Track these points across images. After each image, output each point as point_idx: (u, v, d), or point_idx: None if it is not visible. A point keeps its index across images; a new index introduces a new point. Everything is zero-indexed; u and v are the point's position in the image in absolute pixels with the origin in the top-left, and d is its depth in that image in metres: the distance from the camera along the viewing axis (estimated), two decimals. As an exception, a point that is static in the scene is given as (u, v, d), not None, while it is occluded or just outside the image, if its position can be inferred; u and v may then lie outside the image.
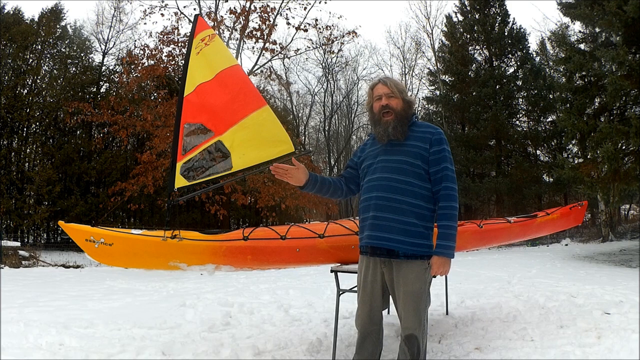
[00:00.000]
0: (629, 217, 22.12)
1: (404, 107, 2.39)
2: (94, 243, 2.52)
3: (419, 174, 2.28)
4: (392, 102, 2.39)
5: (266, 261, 2.89)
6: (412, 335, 2.31)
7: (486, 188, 18.07)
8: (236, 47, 15.39)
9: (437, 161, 2.28)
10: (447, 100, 20.57)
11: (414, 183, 2.27)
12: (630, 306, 4.22)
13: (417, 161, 2.29)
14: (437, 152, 2.28)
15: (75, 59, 19.76)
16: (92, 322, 4.01)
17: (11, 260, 10.54)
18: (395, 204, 2.26)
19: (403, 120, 2.37)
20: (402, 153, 2.32)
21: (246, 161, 3.08)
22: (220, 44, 3.19)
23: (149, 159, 13.22)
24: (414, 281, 2.27)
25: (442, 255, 2.24)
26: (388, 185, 2.29)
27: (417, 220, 2.27)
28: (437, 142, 2.29)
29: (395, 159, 2.32)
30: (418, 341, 2.30)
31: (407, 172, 2.29)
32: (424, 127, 2.38)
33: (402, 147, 2.33)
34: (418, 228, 2.27)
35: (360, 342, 2.48)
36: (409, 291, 2.28)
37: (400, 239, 2.26)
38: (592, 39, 13.50)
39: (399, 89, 2.40)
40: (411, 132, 2.36)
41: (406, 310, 2.31)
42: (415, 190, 2.27)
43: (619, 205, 18.54)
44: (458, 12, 21.22)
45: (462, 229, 3.69)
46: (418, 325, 2.31)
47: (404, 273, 2.29)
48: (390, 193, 2.28)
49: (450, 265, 2.27)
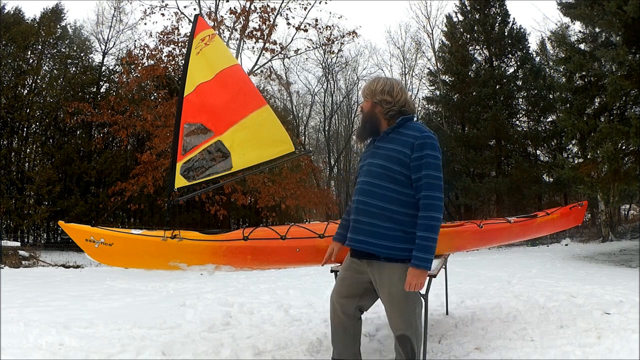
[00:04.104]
0: (629, 217, 22.11)
1: (371, 108, 2.36)
2: (94, 243, 2.52)
3: (395, 178, 2.22)
4: (363, 104, 2.42)
5: (266, 261, 2.89)
6: (403, 335, 2.31)
7: (486, 188, 18.06)
8: (236, 47, 15.40)
9: (418, 167, 2.19)
10: (447, 100, 20.56)
11: (389, 188, 2.23)
12: (630, 306, 4.22)
13: (394, 165, 2.22)
14: (418, 158, 2.19)
15: (75, 59, 19.76)
16: (92, 322, 4.01)
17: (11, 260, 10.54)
18: (372, 208, 2.26)
19: (368, 122, 2.37)
20: (380, 157, 2.28)
21: (246, 161, 3.08)
22: (220, 44, 3.19)
23: (149, 159, 13.22)
24: (397, 283, 2.25)
25: (416, 267, 2.16)
26: (366, 190, 2.29)
27: (394, 224, 2.23)
28: (419, 147, 2.20)
29: (375, 162, 2.29)
30: (411, 341, 2.30)
31: (382, 177, 2.25)
32: (412, 130, 2.27)
33: (382, 151, 2.29)
34: (396, 232, 2.23)
35: (334, 338, 2.51)
36: (392, 293, 2.28)
37: (378, 242, 2.24)
38: (592, 39, 13.50)
39: (370, 91, 2.38)
40: (397, 134, 2.29)
41: (392, 311, 2.33)
42: (390, 195, 2.23)
43: (619, 205, 18.55)
44: (458, 12, 21.22)
45: (462, 229, 3.69)
46: (408, 325, 2.30)
47: (387, 275, 2.28)
48: (367, 198, 2.28)
49: (426, 277, 2.20)
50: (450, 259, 4.18)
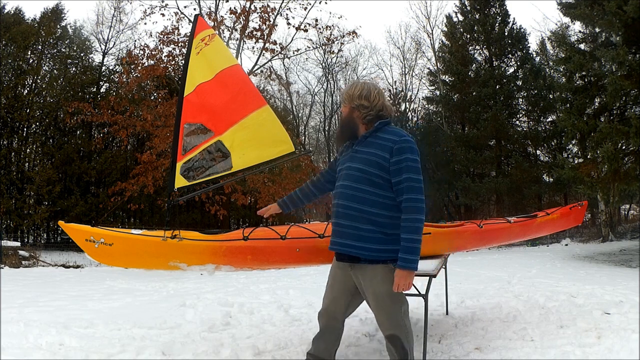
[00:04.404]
0: (629, 217, 22.10)
1: (349, 113, 2.40)
2: (94, 243, 2.52)
3: (374, 182, 2.25)
4: (342, 109, 2.48)
5: (266, 261, 2.89)
6: (393, 335, 2.35)
7: (486, 188, 18.06)
8: (236, 47, 15.40)
9: (398, 171, 2.22)
10: (447, 100, 20.56)
11: (369, 191, 2.26)
12: (630, 306, 4.23)
13: (373, 169, 2.25)
14: (398, 162, 2.22)
15: (75, 59, 19.76)
16: (92, 322, 4.01)
17: (11, 260, 10.54)
18: (352, 211, 2.28)
19: (346, 126, 2.41)
20: (359, 160, 2.31)
21: (246, 161, 3.08)
22: (220, 44, 3.19)
23: (149, 159, 13.22)
24: (380, 284, 2.28)
25: (402, 269, 2.20)
26: (345, 193, 2.32)
27: (374, 226, 2.25)
28: (398, 152, 2.22)
29: (354, 166, 2.32)
30: (401, 340, 2.33)
31: (360, 180, 2.28)
32: (390, 134, 2.30)
33: (361, 155, 2.32)
34: (376, 234, 2.26)
35: (318, 336, 2.54)
36: (377, 293, 2.31)
37: (359, 245, 2.27)
38: (592, 39, 13.50)
39: (348, 96, 2.41)
40: (375, 138, 2.32)
41: (379, 312, 2.36)
42: (370, 198, 2.26)
43: (619, 205, 18.55)
44: (458, 12, 21.22)
45: (462, 229, 3.69)
46: (396, 325, 2.34)
47: (369, 277, 2.31)
48: (346, 201, 2.31)
49: (413, 278, 2.24)
50: (450, 259, 4.18)
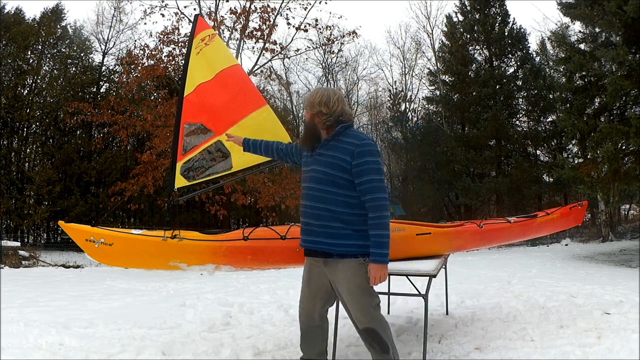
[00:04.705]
0: (629, 217, 22.10)
1: (310, 119, 2.50)
2: (94, 243, 2.53)
3: (338, 183, 2.37)
4: (305, 115, 2.58)
5: (266, 261, 2.89)
6: (369, 328, 2.42)
7: (486, 188, 18.07)
8: (236, 47, 15.38)
9: (360, 173, 2.33)
10: (447, 100, 20.56)
11: (333, 192, 2.38)
12: (630, 306, 4.23)
13: (336, 171, 2.37)
14: (359, 165, 2.33)
15: (75, 59, 19.75)
16: (92, 322, 4.01)
17: (11, 260, 10.53)
18: (319, 211, 2.40)
19: (309, 131, 2.51)
20: (321, 163, 2.42)
21: (246, 161, 3.09)
22: (220, 44, 3.19)
23: (149, 159, 13.20)
24: (351, 278, 2.39)
25: (376, 262, 2.33)
26: (312, 195, 2.44)
27: (343, 224, 2.37)
28: (359, 155, 2.33)
29: (317, 169, 2.44)
30: (378, 332, 2.41)
31: (324, 182, 2.39)
32: (351, 137, 2.41)
33: (324, 158, 2.43)
34: (345, 231, 2.37)
35: (303, 337, 2.64)
36: (350, 287, 2.40)
37: (330, 241, 2.38)
38: (592, 39, 13.50)
39: (309, 102, 2.50)
40: (336, 142, 2.42)
41: (352, 306, 2.44)
42: (334, 198, 2.37)
43: (619, 205, 18.55)
44: (458, 12, 21.22)
45: (462, 229, 3.69)
46: (370, 318, 2.41)
47: (341, 271, 2.40)
48: (313, 202, 2.42)
49: (387, 270, 2.37)
50: (450, 259, 4.18)
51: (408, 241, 3.10)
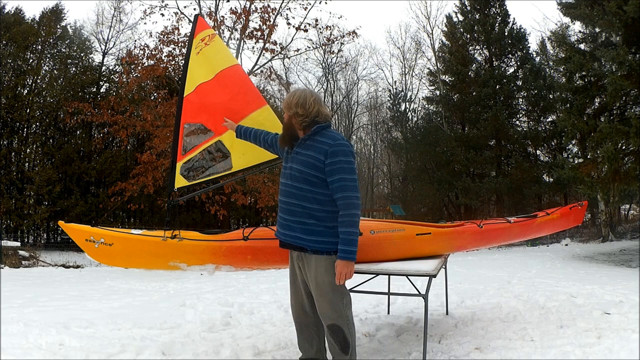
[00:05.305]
0: (629, 217, 22.09)
1: (288, 119, 2.58)
2: (94, 243, 2.53)
3: (312, 181, 2.45)
4: (284, 115, 2.65)
5: (266, 261, 2.90)
6: (334, 324, 2.48)
7: (486, 188, 18.05)
8: (236, 47, 15.38)
9: (332, 172, 2.41)
10: (447, 100, 20.55)
11: (307, 189, 2.46)
12: (630, 306, 4.23)
13: (310, 170, 2.45)
14: (331, 164, 2.41)
15: (75, 59, 19.72)
16: (92, 322, 4.00)
17: (11, 260, 10.53)
18: (295, 207, 2.49)
19: (287, 131, 2.59)
20: (297, 162, 2.51)
21: (246, 161, 3.09)
22: (220, 44, 3.19)
23: (149, 159, 13.20)
24: (323, 274, 2.46)
25: (343, 259, 2.40)
26: (288, 191, 2.53)
27: (316, 220, 2.46)
28: (332, 154, 2.41)
29: (294, 167, 2.52)
30: (343, 330, 2.47)
31: (299, 179, 2.48)
32: (326, 137, 2.48)
33: (300, 157, 2.51)
34: (318, 227, 2.46)
35: (299, 334, 2.73)
36: (320, 283, 2.48)
37: (302, 236, 2.48)
38: (592, 39, 13.50)
39: (287, 104, 2.56)
40: (312, 142, 2.50)
41: (321, 301, 2.50)
42: (308, 195, 2.46)
43: (619, 205, 18.53)
44: (458, 12, 21.20)
45: (462, 229, 3.69)
46: (338, 315, 2.48)
47: (313, 267, 2.48)
48: (289, 198, 2.52)
49: (353, 267, 2.43)
50: (450, 259, 4.18)
51: (408, 241, 3.10)
